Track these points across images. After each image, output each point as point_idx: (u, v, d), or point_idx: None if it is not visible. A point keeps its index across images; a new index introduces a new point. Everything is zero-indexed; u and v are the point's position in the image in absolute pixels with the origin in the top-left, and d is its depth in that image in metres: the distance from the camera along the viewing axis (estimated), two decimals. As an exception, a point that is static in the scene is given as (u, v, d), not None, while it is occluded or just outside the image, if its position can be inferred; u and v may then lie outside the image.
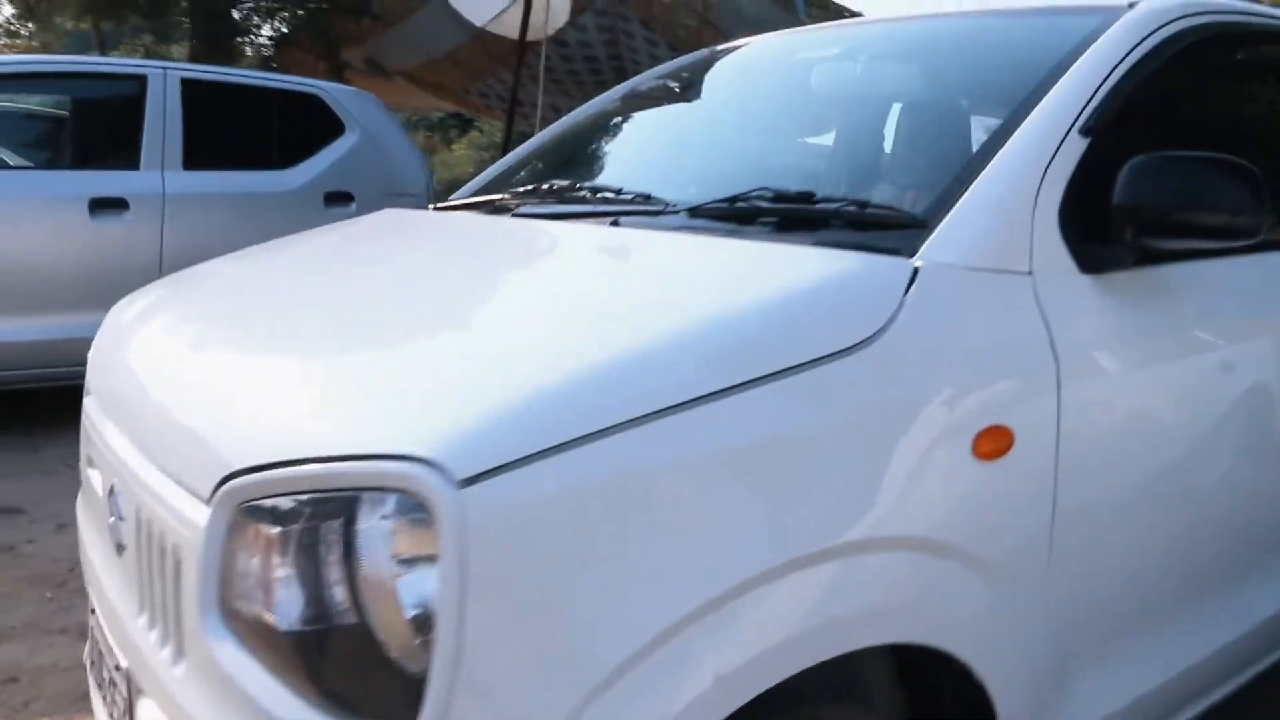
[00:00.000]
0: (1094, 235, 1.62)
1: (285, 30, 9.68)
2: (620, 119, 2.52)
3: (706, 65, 2.59)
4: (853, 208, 1.63)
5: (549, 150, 2.49)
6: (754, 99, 2.32)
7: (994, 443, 1.43)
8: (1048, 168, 1.61)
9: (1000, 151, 1.63)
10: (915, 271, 1.44)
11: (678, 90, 2.50)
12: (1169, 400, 1.74)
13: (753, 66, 2.41)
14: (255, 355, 1.52)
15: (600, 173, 2.35)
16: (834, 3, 6.58)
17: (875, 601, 1.35)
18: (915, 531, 1.36)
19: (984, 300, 1.48)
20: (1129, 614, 1.74)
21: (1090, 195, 1.62)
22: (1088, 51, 1.79)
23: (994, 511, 1.45)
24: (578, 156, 2.44)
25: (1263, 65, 2.20)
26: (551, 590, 1.09)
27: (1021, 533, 1.50)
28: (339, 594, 1.10)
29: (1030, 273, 1.54)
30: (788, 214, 1.67)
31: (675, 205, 1.81)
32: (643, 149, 2.35)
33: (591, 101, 2.71)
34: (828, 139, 1.98)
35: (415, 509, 1.06)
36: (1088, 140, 1.65)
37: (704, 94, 2.44)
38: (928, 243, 1.51)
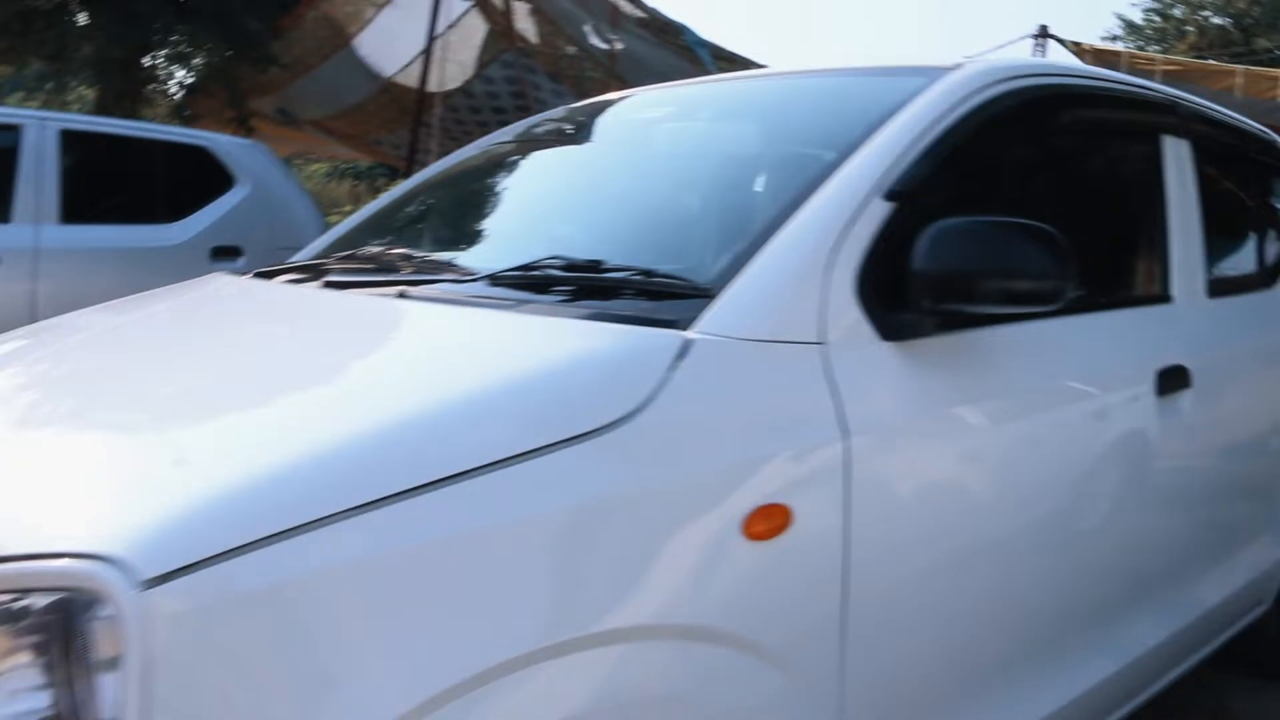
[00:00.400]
0: (897, 302, 1.60)
1: (194, 79, 9.55)
2: (460, 180, 2.48)
3: (553, 124, 2.56)
4: (639, 276, 1.59)
5: (387, 212, 2.43)
6: (585, 161, 2.29)
7: (767, 522, 1.39)
8: (845, 233, 1.59)
9: (794, 216, 1.62)
10: (687, 344, 1.40)
11: (518, 151, 2.47)
12: (981, 467, 1.73)
13: (593, 126, 2.39)
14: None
15: (424, 236, 2.30)
16: (739, 56, 6.68)
17: (645, 692, 1.29)
18: (683, 618, 1.31)
19: (762, 373, 1.45)
20: (954, 684, 1.71)
21: (894, 261, 1.61)
22: (900, 113, 1.79)
23: (773, 595, 1.40)
24: (413, 218, 2.40)
25: (1088, 129, 2.23)
26: (253, 695, 1.01)
27: (807, 616, 1.45)
28: (42, 699, 1.02)
29: (822, 342, 1.52)
30: (582, 282, 1.62)
31: (478, 273, 1.76)
32: (472, 211, 2.30)
33: (438, 161, 2.67)
34: (645, 202, 1.95)
35: (106, 611, 0.99)
36: (892, 205, 1.64)
37: (542, 155, 2.41)
38: (707, 313, 1.48)
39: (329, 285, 1.90)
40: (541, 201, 2.21)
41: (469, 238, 2.16)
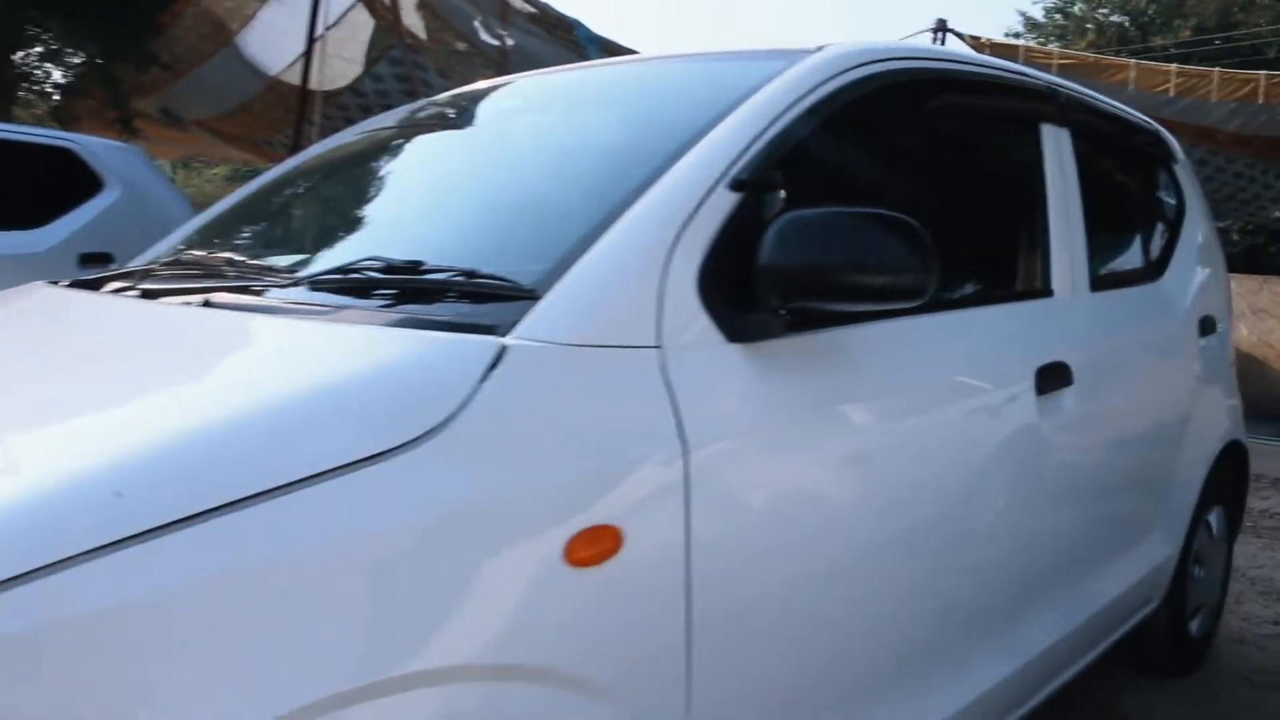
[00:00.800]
0: (745, 301, 1.46)
1: (72, 79, 9.09)
2: (306, 176, 2.27)
3: (409, 117, 2.37)
4: (461, 278, 1.42)
5: (231, 212, 2.23)
6: (433, 154, 2.11)
7: (593, 547, 1.24)
8: (686, 226, 1.45)
9: (630, 209, 1.47)
10: (501, 351, 1.25)
11: (370, 145, 2.27)
12: (841, 474, 1.60)
13: (451, 117, 2.22)
14: None
15: (261, 236, 2.09)
16: (633, 51, 6.56)
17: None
18: (500, 657, 1.17)
19: (588, 382, 1.30)
20: (829, 698, 1.60)
21: (741, 256, 1.47)
22: (750, 99, 1.65)
23: (602, 626, 1.25)
24: (253, 217, 2.19)
25: (960, 115, 2.12)
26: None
27: (644, 646, 1.31)
28: None
29: (658, 346, 1.37)
30: (404, 285, 1.46)
31: (300, 276, 1.59)
32: (309, 209, 2.11)
33: (289, 159, 2.47)
34: (481, 197, 1.78)
35: None
36: (739, 195, 1.50)
37: (393, 148, 2.22)
38: (529, 317, 1.32)
39: (145, 295, 1.70)
40: (382, 197, 2.03)
41: (300, 237, 1.97)
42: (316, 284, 1.53)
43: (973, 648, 1.93)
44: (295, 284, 1.56)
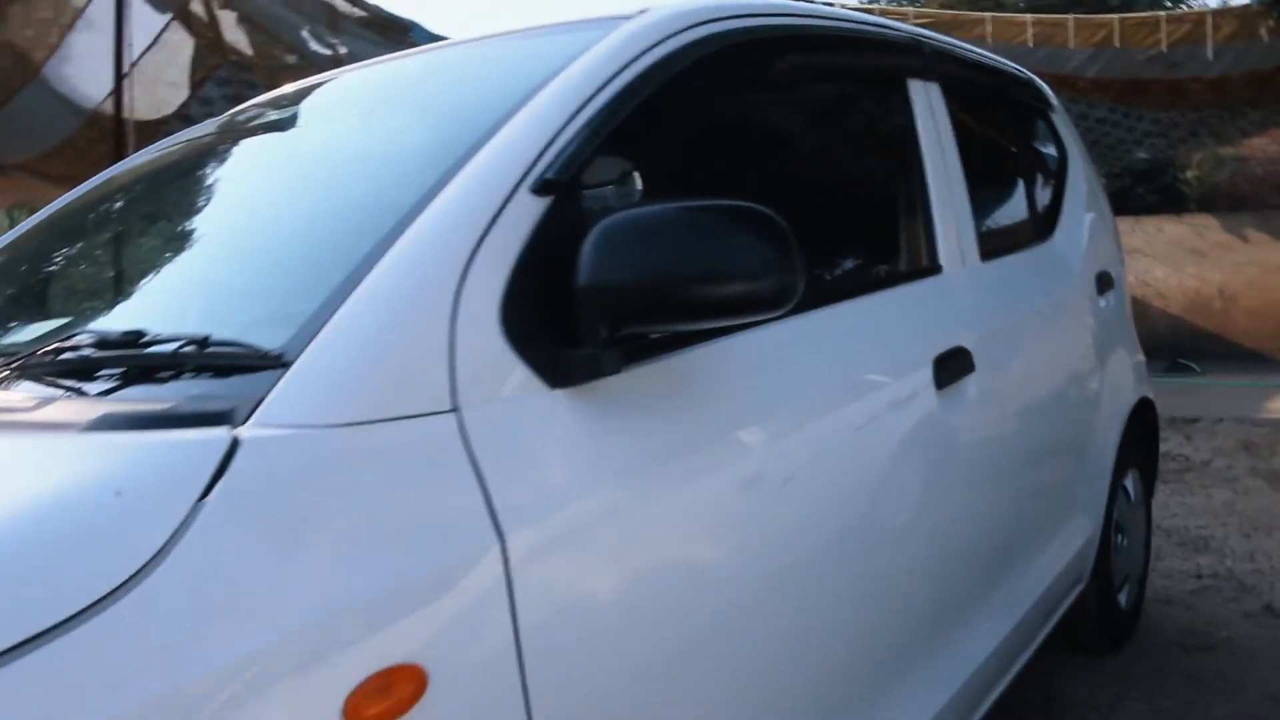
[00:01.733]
0: (567, 334, 1.15)
1: None
2: (59, 223, 1.86)
3: (180, 143, 1.98)
4: (190, 348, 1.08)
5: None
6: (188, 188, 1.74)
7: (385, 698, 0.92)
8: (479, 247, 1.13)
9: (403, 235, 1.13)
10: (233, 449, 0.90)
11: (122, 183, 1.87)
12: (711, 526, 1.30)
13: (213, 143, 1.83)
14: None
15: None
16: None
17: None
18: None
19: (359, 474, 0.97)
20: None
21: (557, 277, 1.16)
22: (555, 80, 1.34)
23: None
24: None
25: (817, 78, 1.84)
26: None
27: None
28: None
29: (454, 409, 1.04)
30: (126, 362, 1.11)
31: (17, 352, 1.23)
32: (44, 267, 1.71)
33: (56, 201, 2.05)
34: (241, 235, 1.42)
35: None
36: (546, 200, 1.19)
37: (150, 182, 1.83)
38: (274, 394, 0.98)
39: None
40: (130, 245, 1.65)
41: (24, 304, 1.58)
42: (26, 367, 1.16)
43: (900, 679, 1.66)
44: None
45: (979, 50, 2.51)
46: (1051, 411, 2.30)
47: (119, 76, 5.85)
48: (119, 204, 1.81)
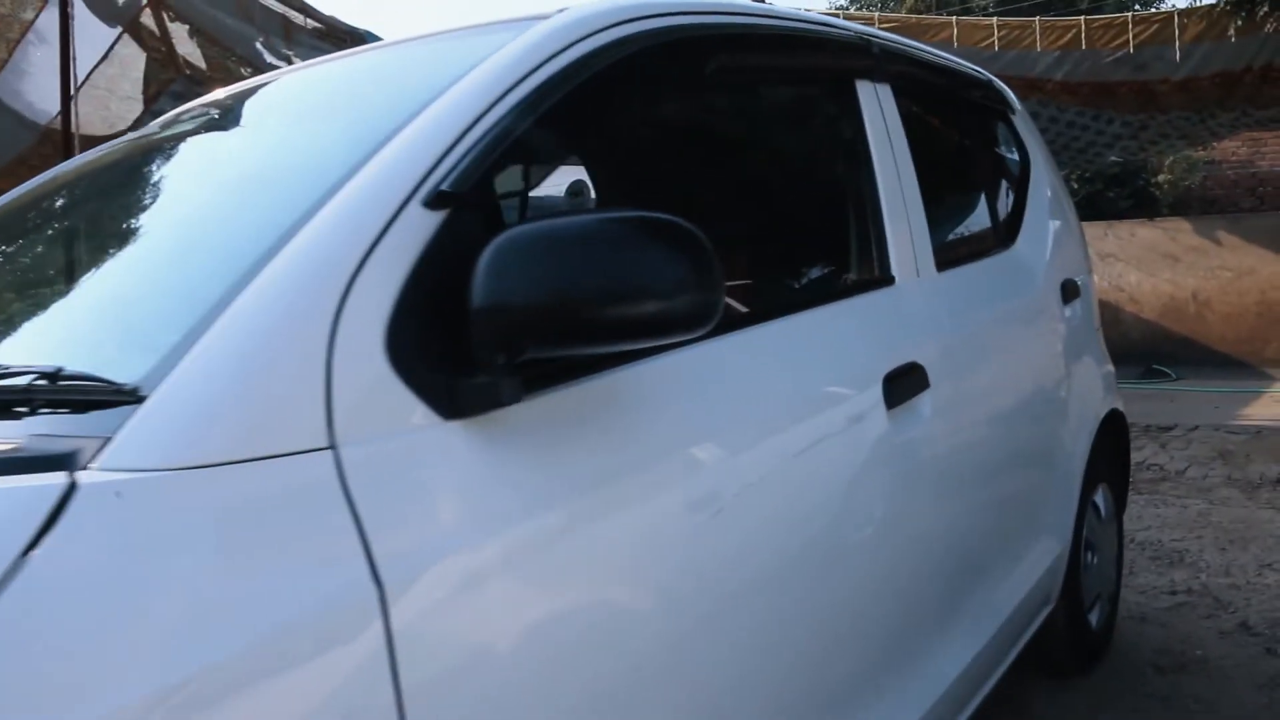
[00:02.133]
0: (462, 360, 1.04)
1: None
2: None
3: (91, 160, 1.85)
4: (42, 380, 0.96)
5: None
6: (78, 203, 1.61)
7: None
8: (363, 266, 1.02)
9: (278, 257, 1.02)
10: (69, 496, 0.79)
11: (28, 199, 1.75)
12: (633, 564, 1.18)
13: (119, 158, 1.71)
14: None
15: None
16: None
17: None
18: None
19: (214, 523, 0.86)
20: None
21: (453, 298, 1.05)
22: (459, 83, 1.23)
23: None
24: None
25: (754, 80, 1.73)
26: None
27: None
28: None
29: (330, 446, 0.92)
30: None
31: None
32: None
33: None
34: (119, 256, 1.30)
35: None
36: (441, 214, 1.08)
37: (49, 199, 1.70)
38: (124, 433, 0.87)
39: None
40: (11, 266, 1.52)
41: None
42: None
43: (861, 705, 1.57)
44: None
45: (935, 51, 2.41)
46: (1014, 427, 2.20)
47: (65, 92, 5.69)
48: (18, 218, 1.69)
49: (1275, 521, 4.22)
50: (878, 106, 1.92)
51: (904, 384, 1.68)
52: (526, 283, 1.01)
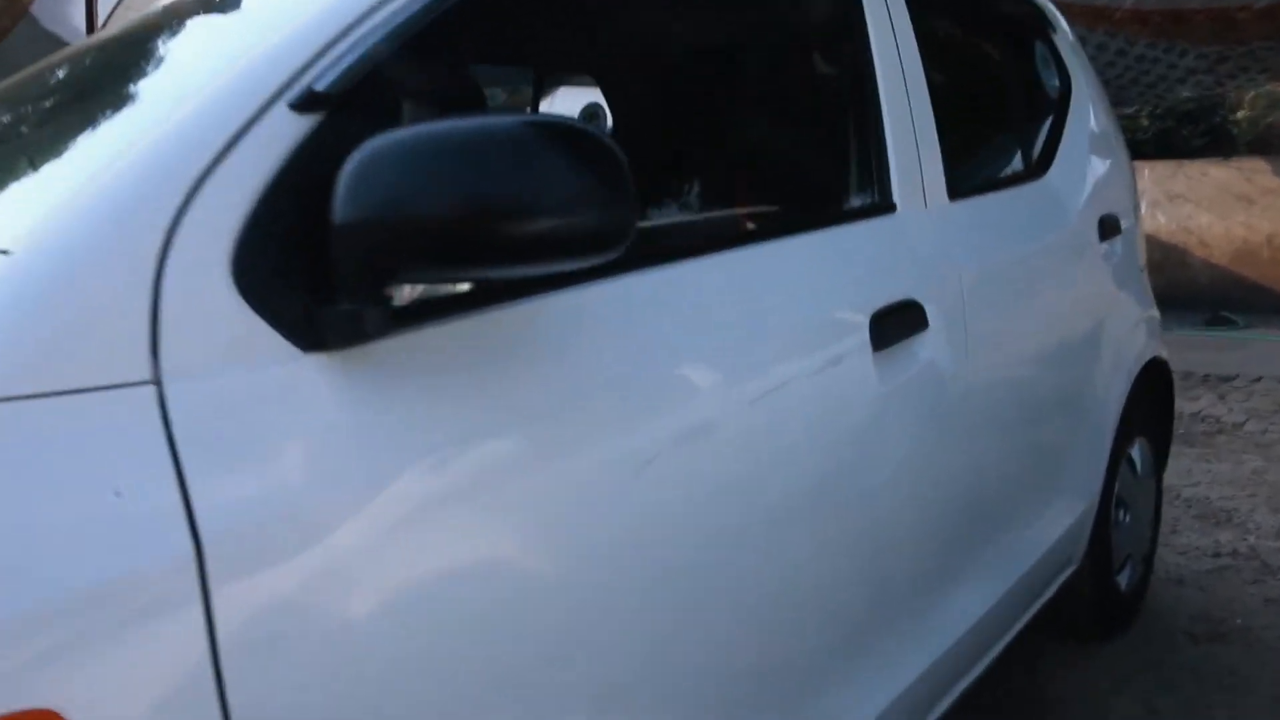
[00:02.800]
0: (327, 285, 0.90)
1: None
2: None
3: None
4: None
5: None
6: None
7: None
8: (206, 176, 0.88)
9: (108, 166, 0.89)
10: None
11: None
12: (527, 525, 1.04)
13: (64, 63, 1.58)
14: None
15: None
16: None
17: None
18: None
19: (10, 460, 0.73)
20: None
21: (321, 214, 0.90)
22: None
23: None
24: None
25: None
26: None
27: None
28: None
29: (153, 381, 0.79)
30: None
31: None
32: None
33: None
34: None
35: None
36: (311, 120, 0.93)
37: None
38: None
39: None
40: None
41: None
42: None
43: (851, 666, 1.44)
44: None
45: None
46: (1034, 374, 2.01)
47: (90, 10, 5.63)
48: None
49: (1336, 481, 3.96)
50: (885, 13, 1.72)
51: (896, 323, 1.50)
52: (394, 195, 0.86)
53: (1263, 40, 6.96)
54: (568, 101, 3.36)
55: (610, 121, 2.27)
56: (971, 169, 1.98)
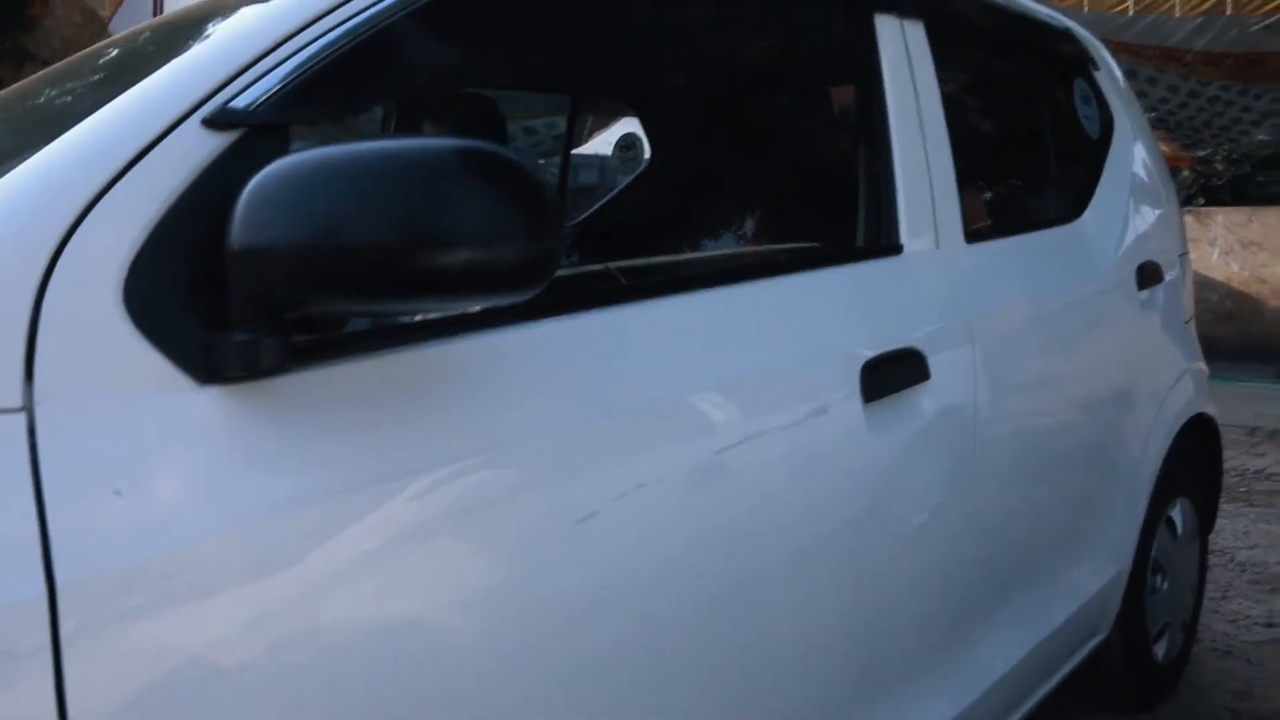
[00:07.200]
0: (228, 314, 0.84)
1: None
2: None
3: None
4: None
5: None
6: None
7: None
8: (103, 194, 0.83)
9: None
10: None
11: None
12: (432, 583, 0.97)
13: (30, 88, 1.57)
14: None
15: None
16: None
17: None
18: None
19: None
20: None
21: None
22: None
23: None
24: None
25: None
26: None
27: None
28: None
29: (24, 408, 0.74)
30: None
31: None
32: None
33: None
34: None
35: None
36: (228, 137, 0.88)
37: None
38: None
39: None
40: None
41: None
42: None
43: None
44: None
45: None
46: (1054, 430, 1.89)
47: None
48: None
49: (1405, 551, 3.72)
50: (902, 46, 1.64)
51: (892, 373, 1.41)
52: (293, 220, 0.80)
53: (1343, 84, 6.72)
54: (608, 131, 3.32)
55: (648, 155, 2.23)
56: (995, 209, 1.88)
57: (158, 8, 5.88)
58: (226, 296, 0.83)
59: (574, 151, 2.48)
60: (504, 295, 0.85)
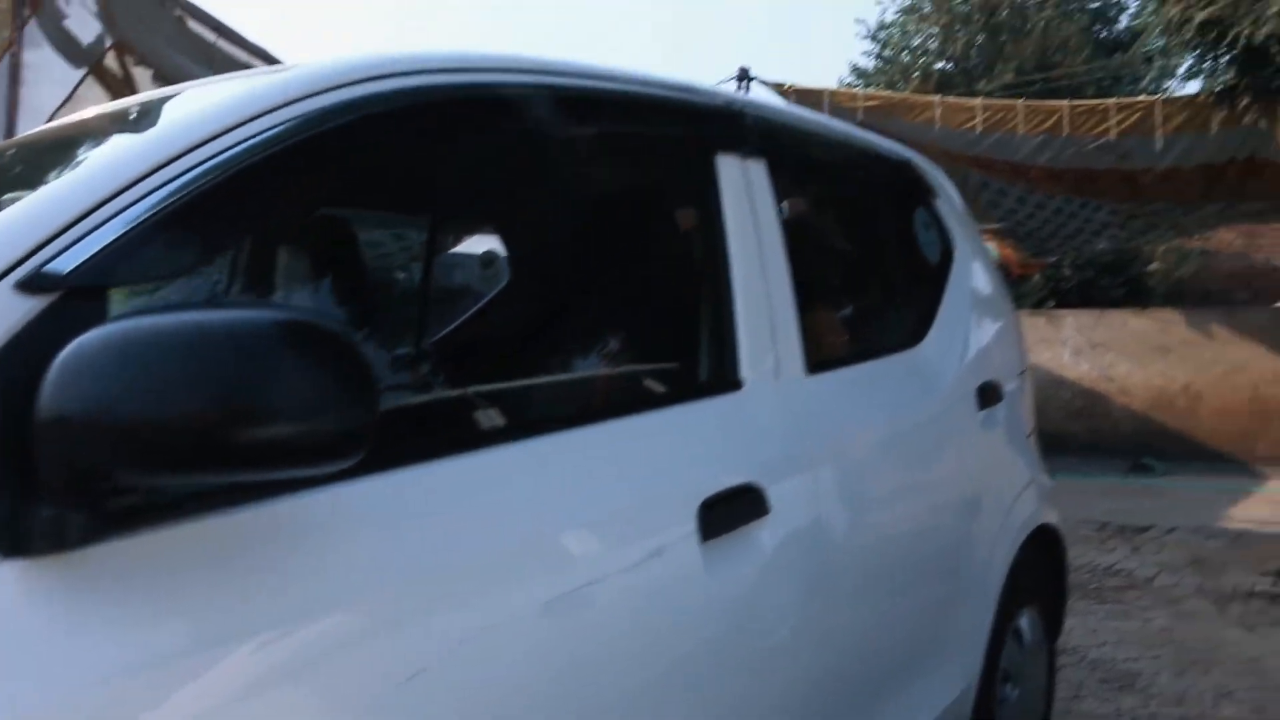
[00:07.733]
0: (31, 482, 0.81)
1: None
2: None
3: None
4: None
5: None
6: None
7: None
8: None
9: None
10: None
11: None
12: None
13: None
14: None
15: None
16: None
17: None
18: None
19: None
20: None
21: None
22: (123, 141, 1.02)
23: None
24: None
25: (538, 150, 1.51)
26: None
27: None
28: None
29: None
30: None
31: None
32: None
33: None
34: None
35: None
36: (41, 301, 0.85)
37: None
38: None
39: None
40: None
41: None
42: None
43: None
44: None
45: (839, 125, 2.20)
46: (899, 551, 1.94)
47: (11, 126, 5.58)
48: None
49: (1242, 643, 3.92)
50: (743, 184, 1.70)
51: (728, 511, 1.43)
52: (104, 392, 0.78)
53: (1166, 200, 7.26)
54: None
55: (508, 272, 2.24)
56: (836, 340, 1.95)
57: (12, 111, 5.70)
58: (35, 465, 0.79)
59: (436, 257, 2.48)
60: (324, 464, 0.84)
